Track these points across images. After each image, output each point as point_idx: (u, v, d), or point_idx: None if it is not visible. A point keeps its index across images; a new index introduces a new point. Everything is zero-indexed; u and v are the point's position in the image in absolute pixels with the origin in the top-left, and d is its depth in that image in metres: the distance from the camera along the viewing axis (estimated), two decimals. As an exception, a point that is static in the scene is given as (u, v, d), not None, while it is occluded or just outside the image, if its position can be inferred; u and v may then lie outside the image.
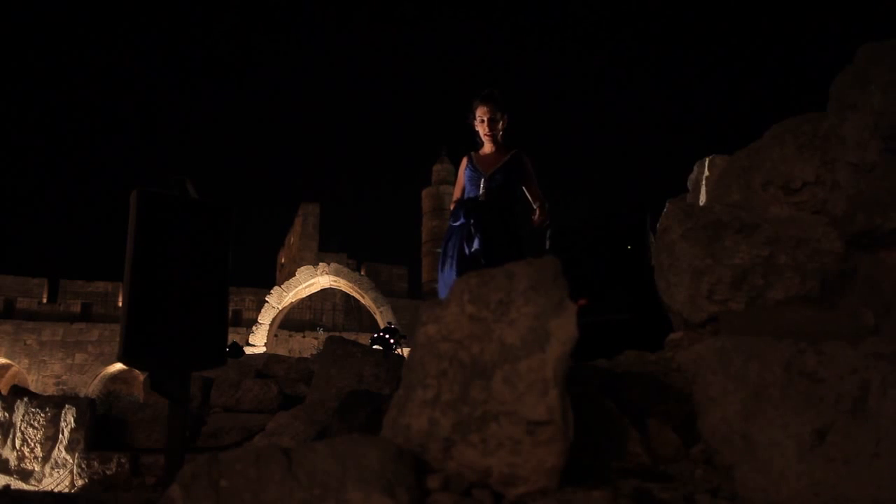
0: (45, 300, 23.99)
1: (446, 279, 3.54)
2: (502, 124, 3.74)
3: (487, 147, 3.75)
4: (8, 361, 21.99)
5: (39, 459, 4.80)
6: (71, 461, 4.73)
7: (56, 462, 4.77)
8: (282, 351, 19.14)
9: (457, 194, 3.83)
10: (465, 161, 3.84)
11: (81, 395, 12.94)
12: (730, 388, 1.30)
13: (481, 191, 3.63)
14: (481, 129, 3.73)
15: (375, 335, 9.45)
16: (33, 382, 21.03)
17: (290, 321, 22.95)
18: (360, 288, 19.43)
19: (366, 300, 19.69)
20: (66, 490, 4.56)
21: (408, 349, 1.60)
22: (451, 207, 3.85)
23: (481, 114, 3.70)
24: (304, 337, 22.94)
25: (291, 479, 0.95)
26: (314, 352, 13.83)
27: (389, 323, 14.20)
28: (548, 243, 3.89)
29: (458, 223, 3.63)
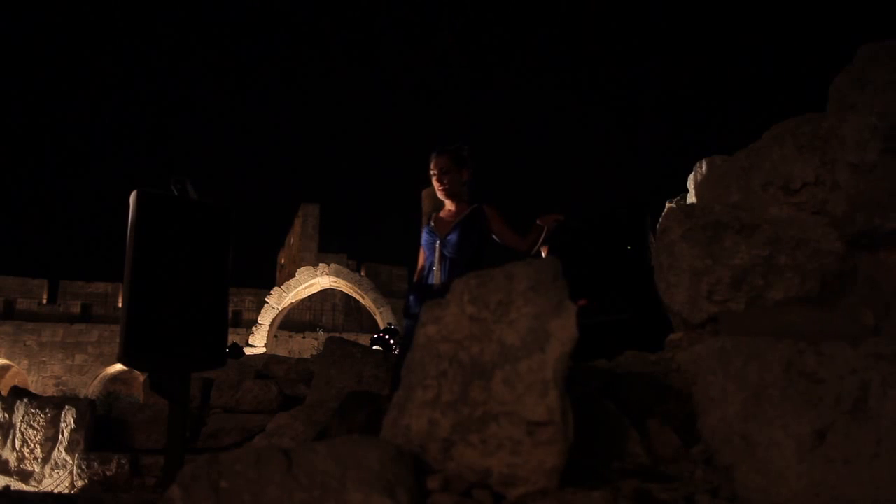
0: (44, 301, 24.02)
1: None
2: (462, 177, 3.49)
3: (448, 205, 3.55)
4: (8, 362, 22.00)
5: (39, 460, 4.80)
6: (71, 462, 4.73)
7: (56, 463, 4.77)
8: (282, 352, 19.16)
9: (420, 261, 3.58)
10: (425, 222, 3.64)
11: (81, 395, 12.95)
12: (730, 389, 1.30)
13: (437, 276, 3.39)
14: (435, 184, 3.51)
15: (375, 336, 9.43)
16: (33, 383, 21.05)
17: (290, 322, 22.97)
18: (360, 288, 19.43)
19: (366, 301, 19.69)
20: (66, 491, 4.56)
21: (408, 350, 1.60)
22: (415, 278, 3.61)
23: (433, 167, 3.49)
24: (304, 338, 22.96)
25: (291, 480, 0.95)
26: (314, 352, 13.82)
27: (389, 323, 14.22)
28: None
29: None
